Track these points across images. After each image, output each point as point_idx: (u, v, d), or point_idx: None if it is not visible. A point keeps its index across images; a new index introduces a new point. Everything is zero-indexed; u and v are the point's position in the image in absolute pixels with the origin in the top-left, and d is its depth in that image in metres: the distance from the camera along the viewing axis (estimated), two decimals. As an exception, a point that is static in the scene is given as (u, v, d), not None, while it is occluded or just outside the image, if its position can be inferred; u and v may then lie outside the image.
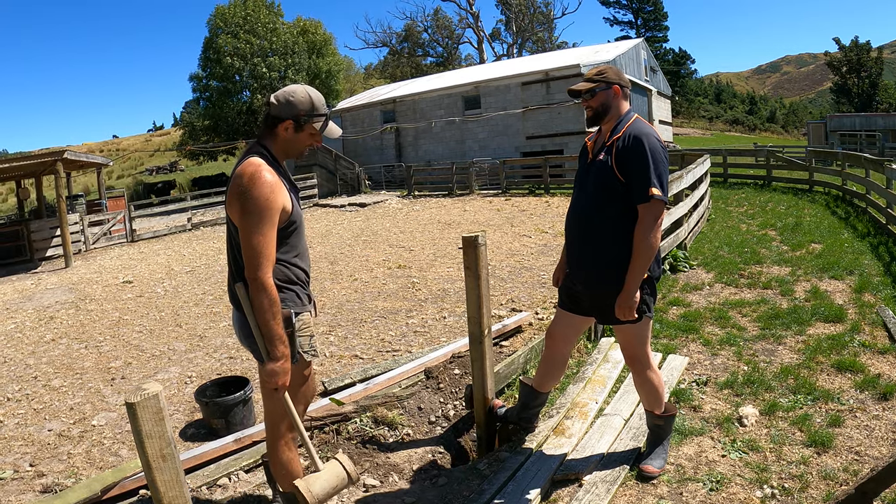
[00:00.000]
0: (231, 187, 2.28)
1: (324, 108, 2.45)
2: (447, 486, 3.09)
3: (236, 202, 2.23)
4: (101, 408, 4.58)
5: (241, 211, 2.22)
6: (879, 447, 3.05)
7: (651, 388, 2.97)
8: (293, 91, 2.39)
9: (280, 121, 2.36)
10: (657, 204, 2.64)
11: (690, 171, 8.71)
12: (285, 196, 2.32)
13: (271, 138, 2.40)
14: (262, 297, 2.21)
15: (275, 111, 2.36)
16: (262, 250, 2.22)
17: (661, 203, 2.65)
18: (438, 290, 7.33)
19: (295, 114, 2.37)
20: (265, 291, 2.21)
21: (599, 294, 2.87)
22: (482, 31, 56.75)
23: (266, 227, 2.23)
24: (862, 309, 5.19)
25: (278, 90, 2.41)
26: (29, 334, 7.09)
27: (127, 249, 15.22)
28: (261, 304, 2.22)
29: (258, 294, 2.21)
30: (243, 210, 2.21)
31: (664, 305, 5.76)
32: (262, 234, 2.22)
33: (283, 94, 2.38)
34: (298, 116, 2.37)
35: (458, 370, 4.34)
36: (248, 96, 32.47)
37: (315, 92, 2.45)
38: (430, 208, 17.41)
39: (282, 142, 2.41)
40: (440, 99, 26.56)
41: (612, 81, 2.81)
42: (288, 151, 2.44)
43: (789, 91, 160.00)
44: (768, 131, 75.41)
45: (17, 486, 3.45)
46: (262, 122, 2.42)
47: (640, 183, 2.64)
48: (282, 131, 2.38)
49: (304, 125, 2.39)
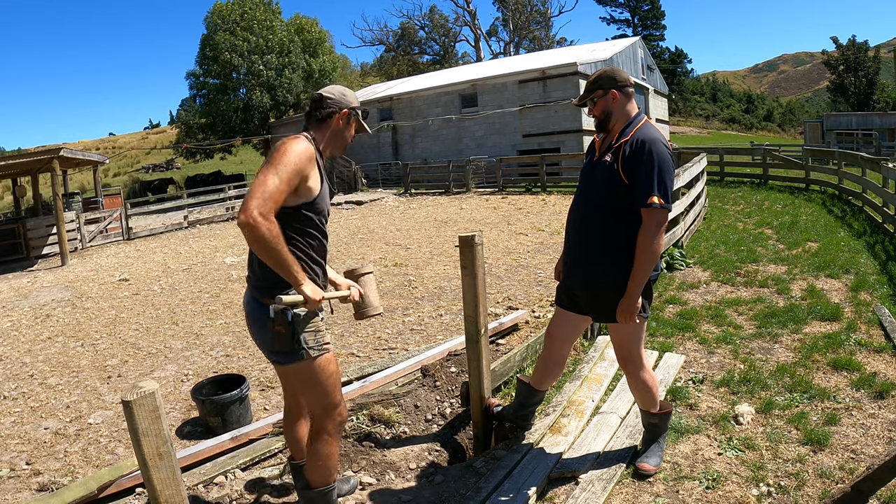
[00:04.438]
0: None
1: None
2: (444, 484, 3.10)
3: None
4: (98, 406, 4.57)
5: (267, 159, 2.24)
6: (875, 445, 3.06)
7: (645, 389, 2.97)
8: (339, 88, 2.54)
9: (335, 113, 2.47)
10: (660, 211, 2.64)
11: (687, 170, 8.72)
12: (317, 176, 2.35)
13: (321, 131, 2.47)
14: (260, 231, 2.08)
15: (332, 104, 2.47)
16: (269, 188, 2.13)
17: (664, 210, 2.65)
18: (435, 289, 7.33)
19: (351, 106, 2.51)
20: (263, 226, 2.08)
21: (595, 293, 2.88)
22: (479, 29, 56.75)
23: (283, 174, 2.18)
24: (858, 307, 5.20)
25: (320, 89, 2.53)
26: (25, 332, 7.07)
27: (123, 247, 15.19)
28: (262, 237, 2.09)
29: (255, 229, 2.07)
30: (269, 157, 2.24)
31: (661, 304, 5.77)
32: (276, 176, 2.16)
33: (334, 89, 2.52)
34: (353, 109, 2.51)
35: (454, 368, 4.34)
36: (244, 94, 32.39)
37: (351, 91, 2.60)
38: (426, 206, 17.40)
39: (332, 133, 2.49)
40: (437, 97, 26.55)
41: (608, 87, 2.81)
42: (336, 144, 2.52)
43: (786, 90, 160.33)
44: (765, 130, 75.62)
45: (14, 485, 3.44)
46: (310, 119, 2.49)
47: (644, 189, 2.64)
48: (337, 122, 2.48)
49: (351, 119, 2.52)
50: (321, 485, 2.54)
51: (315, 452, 2.50)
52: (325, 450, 2.50)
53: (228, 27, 31.67)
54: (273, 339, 2.33)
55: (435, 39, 59.89)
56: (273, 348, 2.37)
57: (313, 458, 2.51)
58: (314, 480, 2.54)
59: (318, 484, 2.54)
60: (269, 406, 4.28)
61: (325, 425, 2.49)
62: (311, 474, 2.54)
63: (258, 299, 2.40)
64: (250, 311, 2.45)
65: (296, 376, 2.45)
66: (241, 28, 31.66)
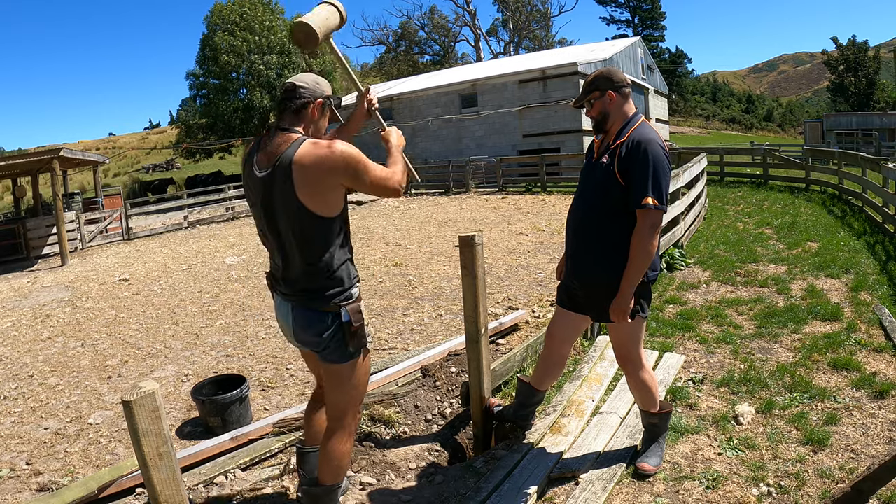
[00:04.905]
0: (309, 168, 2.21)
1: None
2: (444, 484, 3.10)
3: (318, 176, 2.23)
4: (98, 406, 4.57)
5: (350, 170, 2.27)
6: (875, 445, 3.06)
7: (644, 389, 2.97)
8: (311, 76, 2.42)
9: (310, 103, 2.36)
10: (655, 212, 2.64)
11: (687, 170, 8.72)
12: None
13: (301, 123, 2.37)
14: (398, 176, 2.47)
15: (306, 94, 2.36)
16: (383, 174, 2.40)
17: (658, 211, 2.65)
18: (435, 288, 7.33)
19: (325, 95, 2.41)
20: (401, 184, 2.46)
21: (593, 292, 2.88)
22: (479, 29, 56.79)
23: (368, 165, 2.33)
24: (858, 307, 5.20)
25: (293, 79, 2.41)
26: (25, 332, 7.07)
27: (123, 247, 15.18)
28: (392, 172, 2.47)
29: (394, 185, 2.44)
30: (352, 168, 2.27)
31: (661, 304, 5.78)
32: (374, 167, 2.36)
33: (307, 77, 2.41)
34: (326, 97, 2.41)
35: (454, 368, 4.34)
36: (244, 94, 32.40)
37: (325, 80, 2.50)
38: (426, 206, 17.40)
39: (310, 124, 2.39)
40: (437, 97, 26.53)
41: (604, 88, 2.81)
42: (316, 136, 2.41)
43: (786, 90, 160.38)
44: (765, 130, 75.63)
45: (14, 485, 3.44)
46: (285, 111, 2.36)
47: (638, 190, 2.64)
48: (313, 113, 2.38)
49: (325, 109, 2.44)
50: (332, 483, 2.54)
51: (332, 451, 2.50)
52: (342, 448, 2.50)
53: (228, 27, 31.68)
54: (349, 342, 2.38)
55: (435, 39, 59.91)
56: (344, 351, 2.40)
57: (330, 456, 2.51)
58: (326, 479, 2.53)
59: (328, 482, 2.53)
60: (269, 406, 4.28)
61: (347, 421, 2.50)
62: (324, 473, 2.53)
63: (314, 311, 2.37)
64: (302, 325, 2.39)
65: (343, 373, 2.45)
66: (240, 28, 31.67)
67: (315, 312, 2.36)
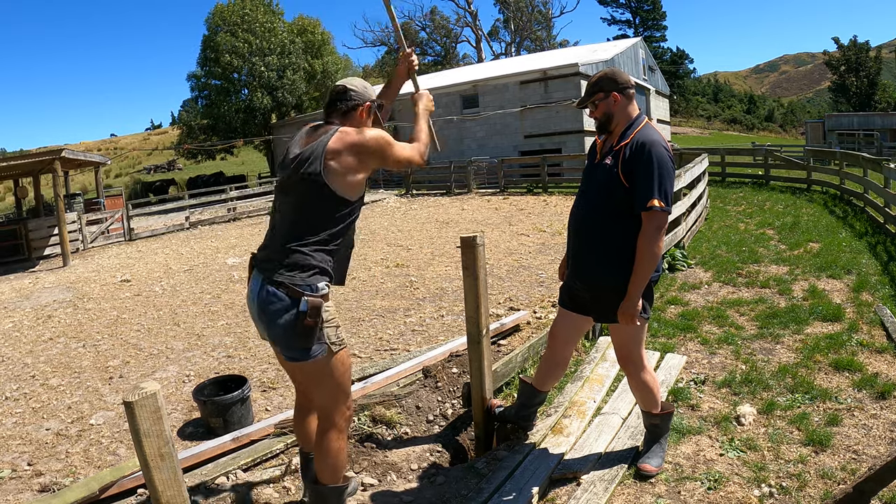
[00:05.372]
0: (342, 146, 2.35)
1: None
2: (445, 484, 3.10)
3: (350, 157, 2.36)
4: (99, 407, 4.57)
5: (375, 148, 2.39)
6: (877, 446, 3.06)
7: (646, 390, 2.97)
8: (360, 81, 2.58)
9: (359, 106, 2.51)
10: (661, 214, 2.64)
11: (688, 171, 8.71)
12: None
13: (348, 124, 2.47)
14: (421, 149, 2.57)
15: (356, 97, 2.50)
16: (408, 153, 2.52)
17: (664, 213, 2.64)
18: (436, 289, 7.33)
19: (372, 100, 2.55)
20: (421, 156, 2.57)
21: (595, 294, 2.88)
22: (480, 30, 56.81)
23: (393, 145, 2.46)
24: (860, 308, 5.20)
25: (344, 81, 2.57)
26: (27, 333, 7.08)
27: (125, 248, 15.20)
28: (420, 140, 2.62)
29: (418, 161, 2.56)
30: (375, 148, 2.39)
31: (662, 304, 5.77)
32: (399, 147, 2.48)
33: (356, 81, 2.56)
34: (374, 102, 2.56)
35: (456, 369, 4.34)
36: (246, 95, 32.43)
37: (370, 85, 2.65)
38: (428, 207, 17.40)
39: (357, 126, 2.48)
40: (438, 98, 26.48)
41: (608, 90, 2.81)
42: None
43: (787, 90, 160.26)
44: (766, 130, 75.51)
45: (15, 486, 3.45)
46: (334, 111, 2.51)
47: (643, 192, 2.63)
48: (361, 115, 2.51)
49: (371, 113, 2.56)
50: (332, 482, 2.53)
51: (325, 450, 2.49)
52: (335, 445, 2.49)
53: (229, 28, 31.71)
54: (299, 335, 2.30)
55: (436, 40, 59.95)
56: (296, 345, 2.33)
57: (323, 456, 2.50)
58: (324, 477, 2.53)
59: (328, 481, 2.53)
60: (270, 407, 4.28)
61: (335, 420, 2.49)
62: (322, 472, 2.53)
63: (277, 289, 2.31)
64: (264, 302, 2.34)
65: (315, 372, 2.41)
66: (242, 29, 31.69)
67: (277, 290, 2.31)
